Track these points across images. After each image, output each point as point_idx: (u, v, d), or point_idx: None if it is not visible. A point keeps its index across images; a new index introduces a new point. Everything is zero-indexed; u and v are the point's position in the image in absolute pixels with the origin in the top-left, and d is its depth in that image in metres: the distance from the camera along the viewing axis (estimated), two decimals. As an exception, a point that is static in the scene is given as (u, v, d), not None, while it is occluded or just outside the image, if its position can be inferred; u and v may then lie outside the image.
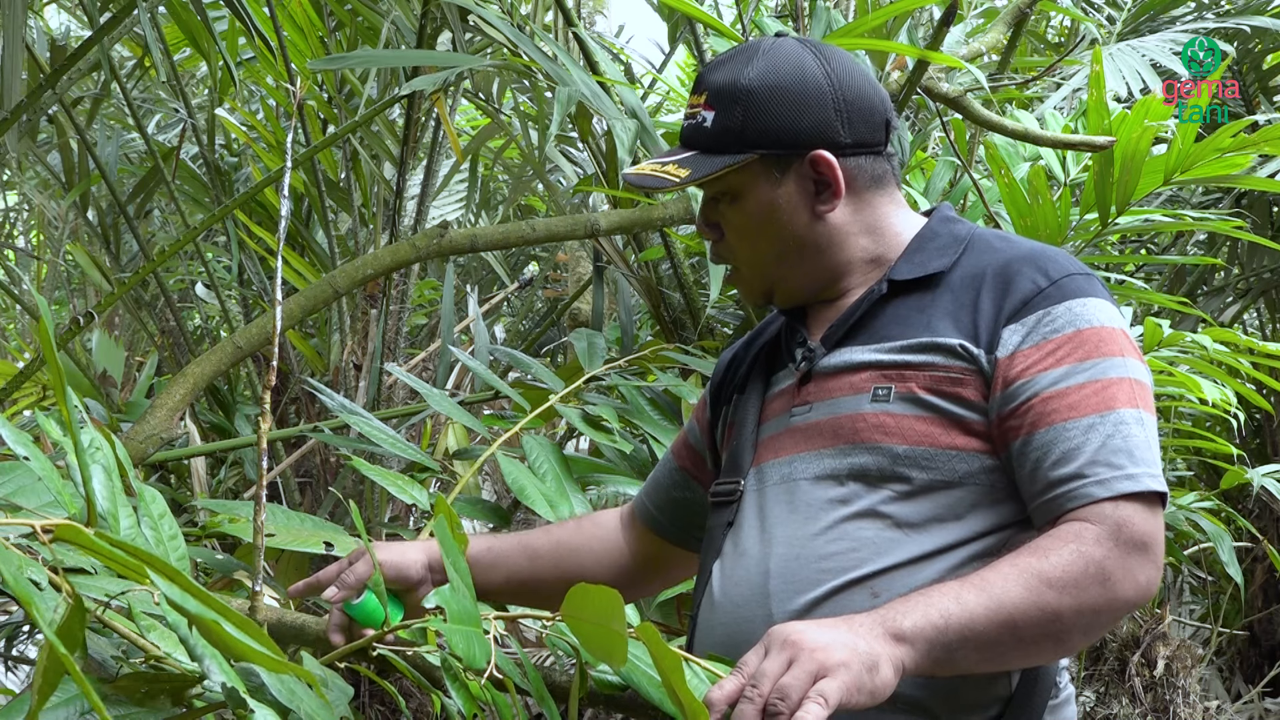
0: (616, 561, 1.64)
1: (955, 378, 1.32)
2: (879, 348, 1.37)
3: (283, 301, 2.54)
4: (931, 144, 3.80)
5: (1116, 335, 1.31)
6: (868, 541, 1.30)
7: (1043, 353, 1.30)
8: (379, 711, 3.15)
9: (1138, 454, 1.25)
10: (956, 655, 1.16)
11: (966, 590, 1.17)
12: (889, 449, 1.32)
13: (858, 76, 1.44)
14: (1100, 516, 1.22)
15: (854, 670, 1.08)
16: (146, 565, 0.87)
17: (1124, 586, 1.20)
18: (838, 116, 1.41)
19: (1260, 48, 4.40)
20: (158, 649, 1.11)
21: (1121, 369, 1.29)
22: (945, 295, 1.37)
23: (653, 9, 4.39)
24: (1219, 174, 2.82)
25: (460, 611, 1.07)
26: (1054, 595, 1.17)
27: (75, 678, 0.76)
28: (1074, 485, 1.24)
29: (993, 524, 1.30)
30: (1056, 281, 1.33)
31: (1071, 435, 1.25)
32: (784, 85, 1.40)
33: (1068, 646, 1.22)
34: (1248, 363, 2.95)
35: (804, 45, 1.45)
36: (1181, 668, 3.41)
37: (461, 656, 1.04)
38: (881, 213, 1.46)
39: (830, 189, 1.42)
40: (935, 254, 1.42)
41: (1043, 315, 1.31)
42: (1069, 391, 1.27)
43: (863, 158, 1.43)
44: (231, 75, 2.84)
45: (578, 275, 4.47)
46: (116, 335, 4.99)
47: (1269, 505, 4.55)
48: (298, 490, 3.45)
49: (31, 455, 1.07)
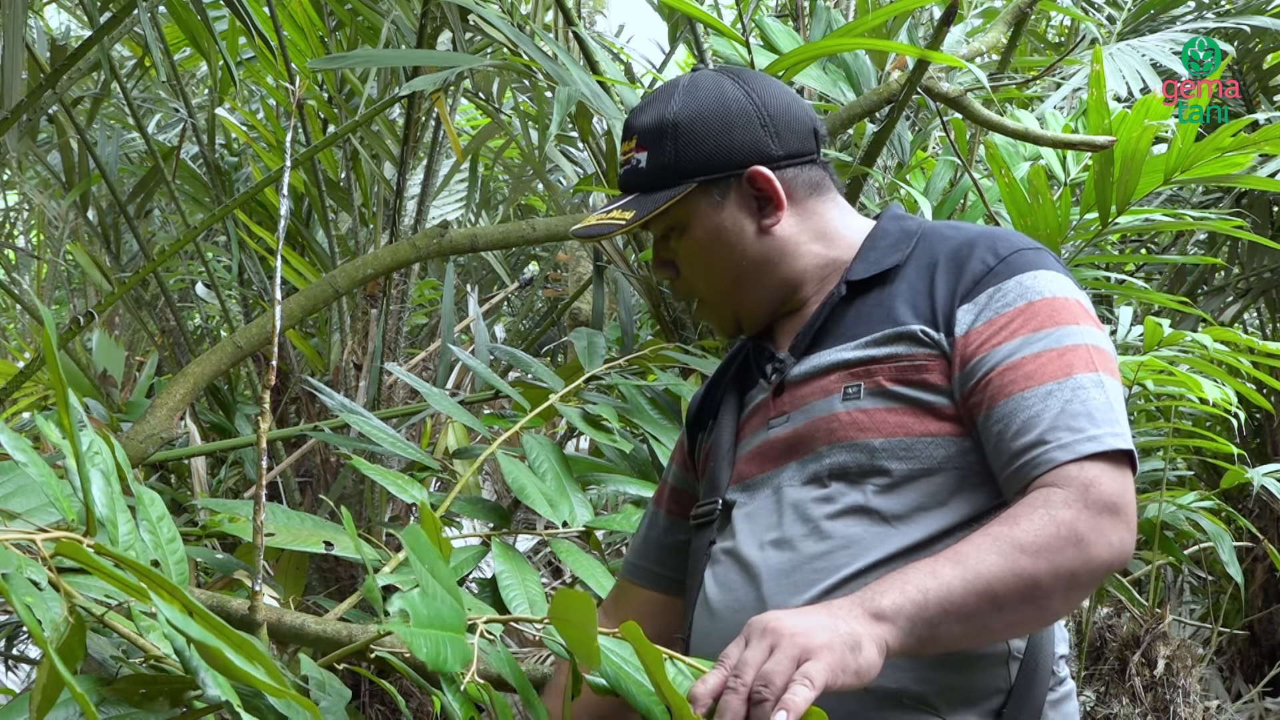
0: None
1: (920, 364, 1.33)
2: (845, 346, 1.39)
3: (283, 301, 2.54)
4: (931, 144, 3.80)
5: (1070, 304, 1.33)
6: (857, 538, 1.31)
7: (995, 327, 1.31)
8: (379, 711, 3.15)
9: (1098, 415, 1.25)
10: (939, 630, 1.16)
11: (942, 564, 1.18)
12: (866, 444, 1.33)
13: (778, 92, 1.48)
14: (1066, 479, 1.22)
15: (837, 651, 1.08)
16: (147, 585, 0.86)
17: (1097, 547, 1.20)
18: (765, 132, 1.45)
19: (1260, 47, 4.40)
20: (157, 649, 1.11)
21: (1076, 336, 1.30)
22: (902, 285, 1.40)
23: (653, 9, 4.38)
24: (1219, 173, 2.82)
25: (431, 617, 1.06)
26: (1029, 561, 1.17)
27: (77, 698, 0.76)
28: (1037, 452, 1.24)
29: (977, 508, 1.31)
30: (1005, 258, 1.35)
31: (1030, 404, 1.26)
32: (708, 112, 1.44)
33: (1049, 612, 1.22)
34: (1248, 362, 2.96)
35: (720, 73, 1.49)
36: (1182, 667, 3.41)
37: (428, 661, 1.03)
38: (828, 218, 1.49)
39: (772, 202, 1.45)
40: (888, 250, 1.44)
41: (994, 291, 1.33)
42: (1024, 362, 1.28)
43: (797, 167, 1.47)
44: (231, 75, 2.83)
45: (578, 275, 4.47)
46: (116, 335, 5.00)
47: (1269, 505, 4.55)
48: (298, 490, 3.45)
49: (29, 459, 1.07)
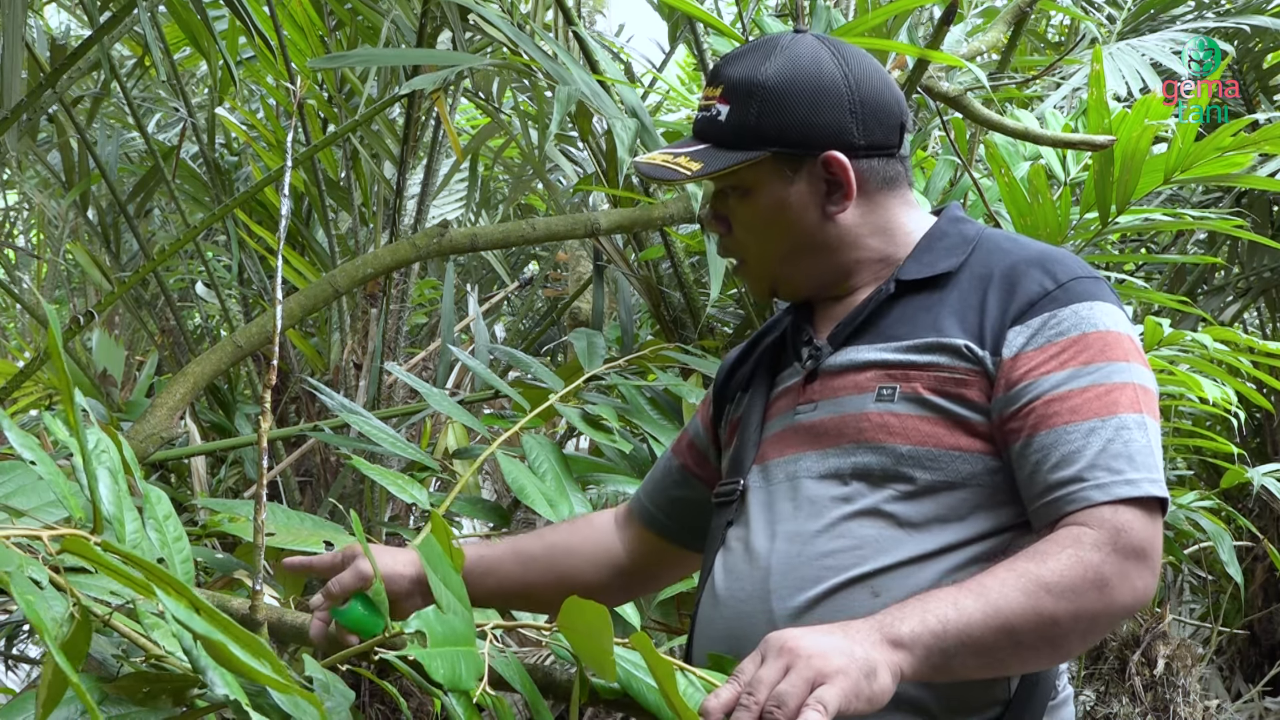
0: (611, 562, 1.62)
1: (960, 378, 1.31)
2: (885, 347, 1.36)
3: (283, 301, 2.54)
4: (931, 143, 3.80)
5: (1122, 340, 1.31)
6: (869, 540, 1.30)
7: (1046, 355, 1.29)
8: (379, 711, 3.15)
9: (1138, 459, 1.24)
10: (954, 661, 1.15)
11: (964, 596, 1.17)
12: (893, 449, 1.31)
13: (875, 77, 1.42)
14: (1099, 521, 1.21)
15: (852, 676, 1.08)
16: (153, 580, 0.87)
17: (1121, 593, 1.19)
18: (852, 118, 1.39)
19: (1260, 47, 4.40)
20: (159, 648, 1.11)
21: (1126, 374, 1.28)
22: (953, 295, 1.37)
23: (653, 8, 4.38)
24: (1219, 173, 2.82)
25: (446, 634, 1.06)
26: (1051, 601, 1.16)
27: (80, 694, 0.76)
28: (1073, 489, 1.23)
29: (995, 526, 1.30)
30: (1064, 284, 1.32)
31: (1072, 438, 1.25)
32: (801, 83, 1.39)
33: (1064, 652, 1.21)
34: (1248, 361, 2.95)
35: (823, 43, 1.43)
36: (1181, 667, 3.41)
37: (445, 681, 1.03)
38: (892, 214, 1.45)
39: (842, 190, 1.41)
40: (944, 254, 1.41)
41: (1048, 318, 1.31)
42: (1071, 395, 1.27)
43: (876, 160, 1.42)
44: (231, 74, 2.83)
45: (578, 275, 4.47)
46: (116, 334, 4.99)
47: (1269, 504, 4.55)
48: (298, 489, 3.45)
49: (37, 458, 1.07)
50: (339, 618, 1.37)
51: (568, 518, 2.09)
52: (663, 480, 1.65)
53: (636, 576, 1.65)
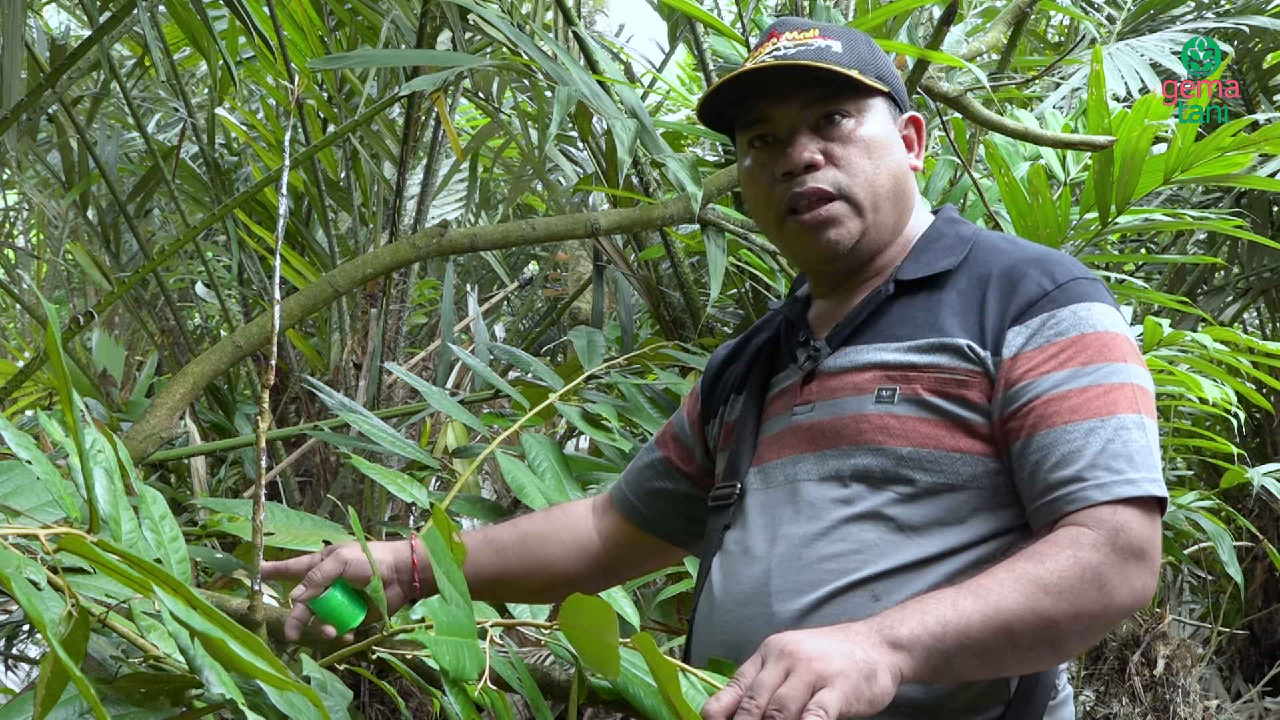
0: (586, 549, 1.62)
1: (961, 379, 1.31)
2: (885, 347, 1.36)
3: (282, 301, 2.54)
4: (931, 143, 3.80)
5: (1120, 341, 1.31)
6: (870, 543, 1.30)
7: (1046, 355, 1.29)
8: (379, 711, 3.15)
9: (1138, 459, 1.24)
10: (954, 662, 1.16)
11: (963, 597, 1.17)
12: (893, 451, 1.31)
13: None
14: (1098, 521, 1.21)
15: (852, 679, 1.08)
16: (151, 579, 0.87)
17: (1120, 593, 1.19)
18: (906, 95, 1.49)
19: (1260, 47, 4.40)
20: (157, 649, 1.11)
21: (1124, 375, 1.29)
22: (951, 295, 1.37)
23: (653, 9, 4.38)
24: (1219, 173, 2.82)
25: (450, 623, 1.06)
26: (1050, 601, 1.17)
27: (83, 691, 0.76)
28: (1073, 489, 1.23)
29: (996, 528, 1.30)
30: (1062, 285, 1.33)
31: (1072, 438, 1.25)
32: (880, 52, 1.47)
33: (1064, 652, 1.21)
34: (1248, 362, 2.95)
35: None
36: (1181, 667, 3.41)
37: (449, 669, 1.04)
38: (914, 198, 1.49)
39: (913, 151, 1.47)
40: (941, 254, 1.41)
41: (1047, 318, 1.31)
42: (1070, 395, 1.27)
43: None
44: (231, 74, 2.83)
45: (578, 274, 4.47)
46: (116, 334, 5.00)
47: (1269, 504, 4.55)
48: (297, 489, 3.46)
49: (33, 458, 1.07)
50: (316, 608, 1.37)
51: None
52: (644, 471, 1.65)
53: (612, 565, 1.65)
